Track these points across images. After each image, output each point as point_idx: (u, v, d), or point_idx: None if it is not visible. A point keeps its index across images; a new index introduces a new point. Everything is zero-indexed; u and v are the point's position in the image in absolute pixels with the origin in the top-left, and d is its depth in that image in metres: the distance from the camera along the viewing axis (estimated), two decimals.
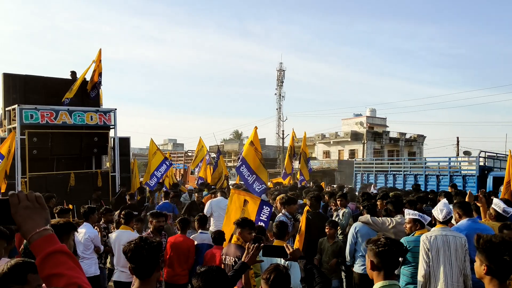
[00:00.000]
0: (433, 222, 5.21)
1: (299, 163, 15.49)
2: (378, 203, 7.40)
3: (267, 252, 3.97)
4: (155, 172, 13.04)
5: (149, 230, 6.36)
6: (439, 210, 4.93)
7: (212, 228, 8.73)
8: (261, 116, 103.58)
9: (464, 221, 5.25)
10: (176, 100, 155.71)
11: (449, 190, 10.60)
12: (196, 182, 16.78)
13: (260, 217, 6.25)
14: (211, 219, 8.99)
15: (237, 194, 6.72)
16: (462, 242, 4.66)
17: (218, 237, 5.94)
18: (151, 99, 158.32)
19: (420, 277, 4.66)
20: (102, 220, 7.37)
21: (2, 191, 10.34)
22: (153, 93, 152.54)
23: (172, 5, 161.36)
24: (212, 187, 13.49)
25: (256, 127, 10.77)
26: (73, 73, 13.80)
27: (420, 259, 4.70)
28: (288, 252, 3.71)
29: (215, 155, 17.78)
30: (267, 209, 6.34)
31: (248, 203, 6.42)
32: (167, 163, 13.61)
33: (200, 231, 6.71)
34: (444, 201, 5.30)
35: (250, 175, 9.86)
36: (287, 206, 7.16)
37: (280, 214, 7.27)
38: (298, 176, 15.49)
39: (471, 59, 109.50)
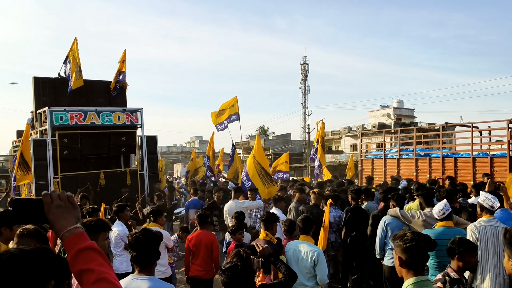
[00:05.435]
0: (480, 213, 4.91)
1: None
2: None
3: None
4: None
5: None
6: (487, 198, 4.74)
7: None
8: (286, 111, 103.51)
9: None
10: (201, 98, 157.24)
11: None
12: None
13: None
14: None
15: None
16: None
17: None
18: (177, 97, 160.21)
19: None
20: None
21: (28, 181, 10.95)
22: (178, 91, 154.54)
23: (196, 4, 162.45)
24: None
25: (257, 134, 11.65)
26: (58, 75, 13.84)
27: None
28: (258, 250, 3.84)
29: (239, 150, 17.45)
30: None
31: None
32: None
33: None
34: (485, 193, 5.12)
35: (247, 181, 10.00)
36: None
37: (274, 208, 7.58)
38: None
39: (503, 46, 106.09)
